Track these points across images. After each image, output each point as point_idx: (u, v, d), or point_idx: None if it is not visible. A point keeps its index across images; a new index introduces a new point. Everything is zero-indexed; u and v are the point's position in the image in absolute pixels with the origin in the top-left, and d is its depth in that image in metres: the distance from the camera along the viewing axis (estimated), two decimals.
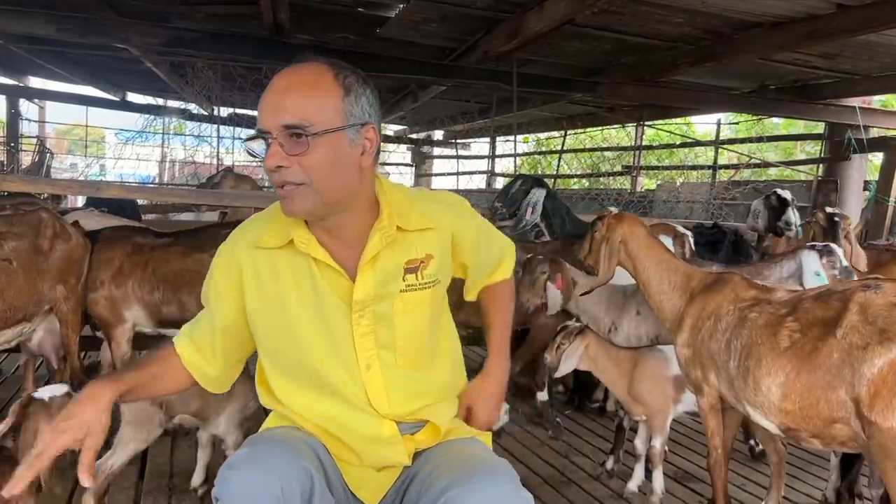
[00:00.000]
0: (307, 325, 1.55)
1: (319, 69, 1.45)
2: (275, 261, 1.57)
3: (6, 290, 2.94)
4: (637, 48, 6.22)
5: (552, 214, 5.03)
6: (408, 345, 1.59)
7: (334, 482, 1.57)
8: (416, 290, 1.58)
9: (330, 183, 1.45)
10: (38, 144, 12.48)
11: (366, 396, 1.56)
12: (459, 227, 1.70)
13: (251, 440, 1.53)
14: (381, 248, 1.54)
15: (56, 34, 5.66)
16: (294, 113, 1.40)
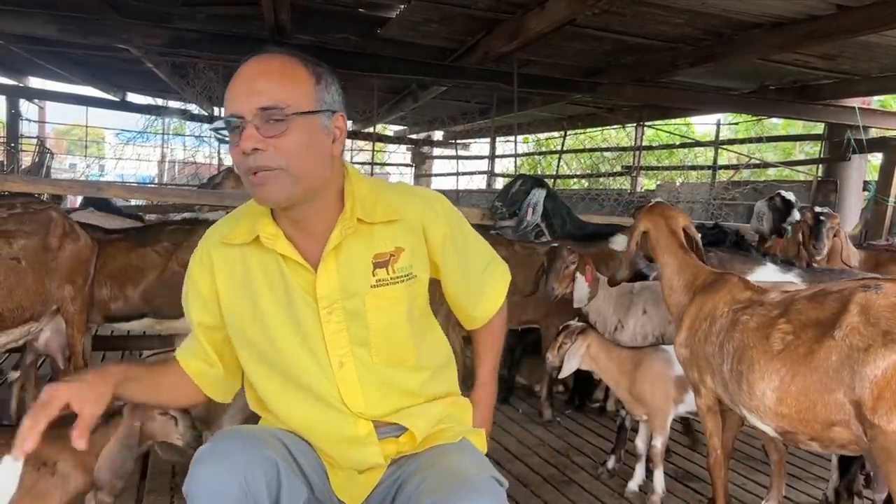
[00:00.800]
0: (279, 323, 1.53)
1: (289, 58, 1.45)
2: (245, 257, 1.55)
3: (15, 290, 2.93)
4: (637, 49, 6.24)
5: (553, 214, 5.03)
6: (384, 342, 1.56)
7: (314, 478, 1.57)
8: (388, 284, 1.54)
9: (305, 167, 1.43)
10: (38, 145, 12.50)
11: (339, 395, 1.54)
12: (429, 221, 1.61)
13: (215, 436, 1.55)
14: (341, 239, 1.51)
15: (57, 34, 5.68)
16: (270, 95, 1.39)
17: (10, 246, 2.95)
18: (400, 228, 1.56)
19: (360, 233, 1.53)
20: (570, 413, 4.46)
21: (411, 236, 1.57)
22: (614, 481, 3.41)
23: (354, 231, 1.52)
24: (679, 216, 2.96)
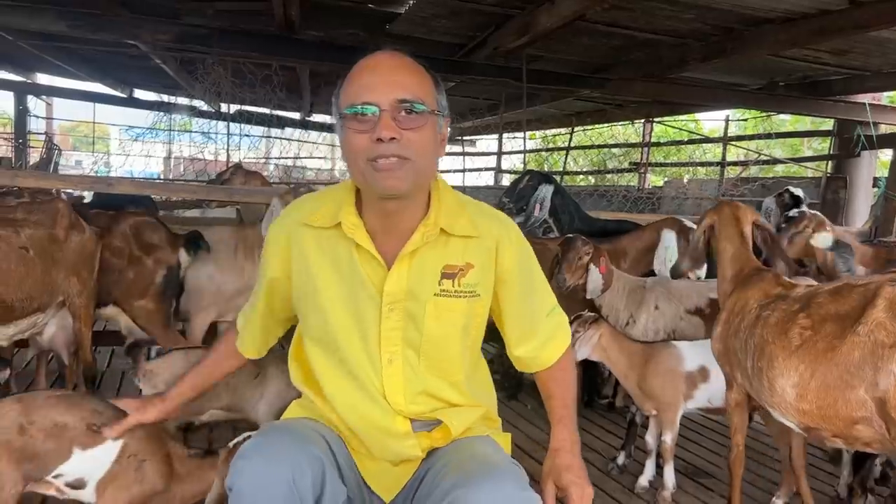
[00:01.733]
0: (339, 309, 1.57)
1: (413, 59, 1.51)
2: (320, 240, 1.59)
3: (25, 279, 2.93)
4: (647, 44, 6.22)
5: (560, 211, 5.00)
6: (434, 351, 1.58)
7: (347, 472, 1.58)
8: (451, 296, 1.56)
9: (426, 163, 1.50)
10: (46, 141, 12.55)
11: (382, 390, 1.57)
12: (504, 246, 1.62)
13: (261, 430, 1.57)
14: (421, 244, 1.54)
15: (67, 31, 5.69)
16: (409, 89, 1.44)
17: (18, 235, 2.95)
18: (475, 245, 1.59)
19: (436, 241, 1.56)
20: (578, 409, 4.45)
21: (484, 255, 1.60)
22: (624, 477, 3.40)
23: (434, 239, 1.56)
24: (747, 210, 2.88)
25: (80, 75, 10.34)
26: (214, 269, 3.88)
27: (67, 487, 1.96)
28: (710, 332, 3.42)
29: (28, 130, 12.25)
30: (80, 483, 1.95)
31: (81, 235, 3.29)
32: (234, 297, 3.91)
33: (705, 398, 3.08)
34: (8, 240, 2.87)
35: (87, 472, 1.94)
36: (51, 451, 1.89)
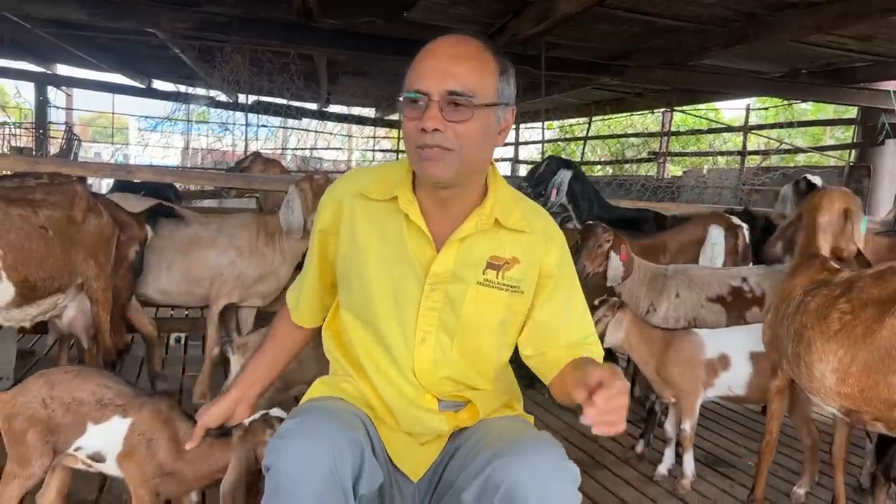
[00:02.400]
0: (380, 282, 1.58)
1: (480, 45, 1.48)
2: (372, 212, 1.61)
3: (46, 259, 2.94)
4: (667, 31, 6.14)
5: (580, 197, 4.95)
6: (468, 338, 1.59)
7: (379, 454, 1.58)
8: (493, 287, 1.57)
9: (475, 154, 1.49)
10: (66, 131, 12.66)
11: (412, 365, 1.58)
12: (551, 248, 1.62)
13: (299, 410, 1.54)
14: (473, 231, 1.55)
15: (87, 19, 5.71)
16: (461, 81, 1.43)
17: (37, 215, 2.96)
18: (525, 241, 1.60)
19: (487, 230, 1.57)
20: None
21: (532, 253, 1.60)
22: (643, 465, 3.39)
23: (486, 228, 1.56)
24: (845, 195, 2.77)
25: (99, 65, 10.40)
26: (236, 255, 3.90)
27: (90, 460, 2.03)
28: (731, 321, 3.43)
29: (48, 121, 12.36)
30: (100, 457, 2.00)
31: (99, 219, 3.31)
32: (255, 282, 3.93)
33: (726, 386, 3.05)
34: (28, 219, 2.88)
35: (103, 447, 1.99)
36: (69, 424, 1.97)
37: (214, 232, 3.97)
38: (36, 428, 1.96)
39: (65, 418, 1.96)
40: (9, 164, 4.80)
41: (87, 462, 2.05)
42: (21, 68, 11.36)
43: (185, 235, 3.94)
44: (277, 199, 4.84)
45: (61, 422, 1.96)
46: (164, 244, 3.88)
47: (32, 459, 1.97)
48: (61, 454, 2.01)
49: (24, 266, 2.83)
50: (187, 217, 4.05)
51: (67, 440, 1.98)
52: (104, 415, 1.97)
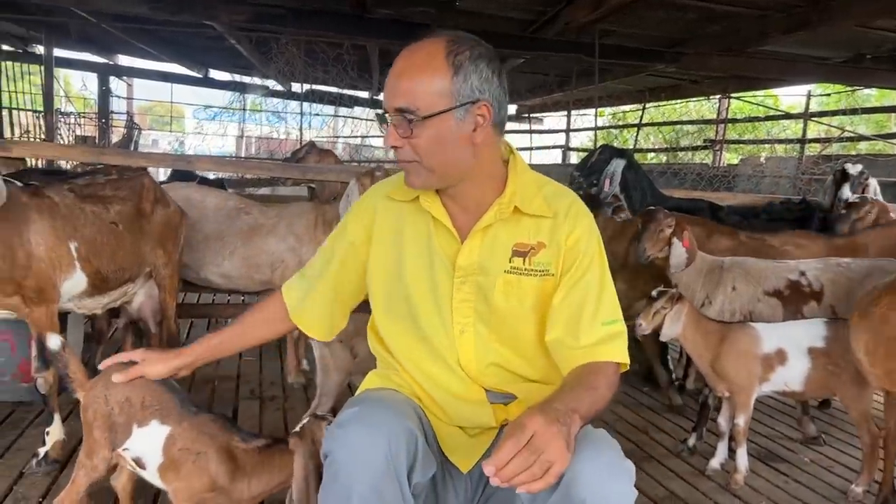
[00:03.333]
0: (417, 280, 1.63)
1: (433, 49, 1.48)
2: (401, 213, 1.67)
3: (116, 252, 3.07)
4: (724, 17, 6.02)
5: (632, 187, 4.89)
6: (504, 326, 1.61)
7: (431, 444, 1.62)
8: (521, 274, 1.59)
9: (439, 160, 1.52)
10: (127, 121, 13.05)
11: (457, 357, 1.62)
12: (575, 229, 1.59)
13: (357, 399, 1.58)
14: (494, 220, 1.58)
15: (149, 13, 5.90)
16: (403, 97, 1.47)
17: (108, 211, 3.09)
18: (548, 225, 1.60)
19: (509, 218, 1.59)
20: (648, 390, 4.42)
21: (557, 235, 1.60)
22: (695, 459, 3.36)
23: (507, 216, 1.58)
24: None
25: (159, 56, 10.68)
26: (295, 241, 4.02)
27: (135, 464, 2.01)
28: (788, 315, 3.37)
29: (110, 110, 12.74)
30: (141, 463, 1.99)
31: (166, 209, 3.43)
32: None
33: (782, 381, 3.01)
34: (99, 216, 3.02)
35: (143, 452, 1.97)
36: (122, 423, 1.96)
37: (274, 219, 4.10)
38: (99, 422, 1.97)
39: (119, 416, 1.95)
40: (76, 155, 4.99)
41: (132, 466, 2.03)
42: (85, 59, 11.74)
43: (246, 223, 4.07)
44: (333, 188, 4.94)
45: (117, 419, 1.96)
46: (226, 231, 4.02)
47: (95, 452, 1.99)
48: (117, 452, 2.01)
49: (97, 258, 2.96)
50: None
51: (121, 439, 1.98)
52: (145, 417, 1.94)
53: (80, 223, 2.91)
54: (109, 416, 1.96)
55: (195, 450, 1.91)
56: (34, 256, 2.71)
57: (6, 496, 2.61)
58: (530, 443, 1.21)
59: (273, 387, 4.14)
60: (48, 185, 2.96)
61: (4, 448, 3.01)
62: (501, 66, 1.57)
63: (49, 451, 2.80)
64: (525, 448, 1.20)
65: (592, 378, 1.48)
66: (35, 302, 2.73)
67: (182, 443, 1.92)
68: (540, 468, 1.20)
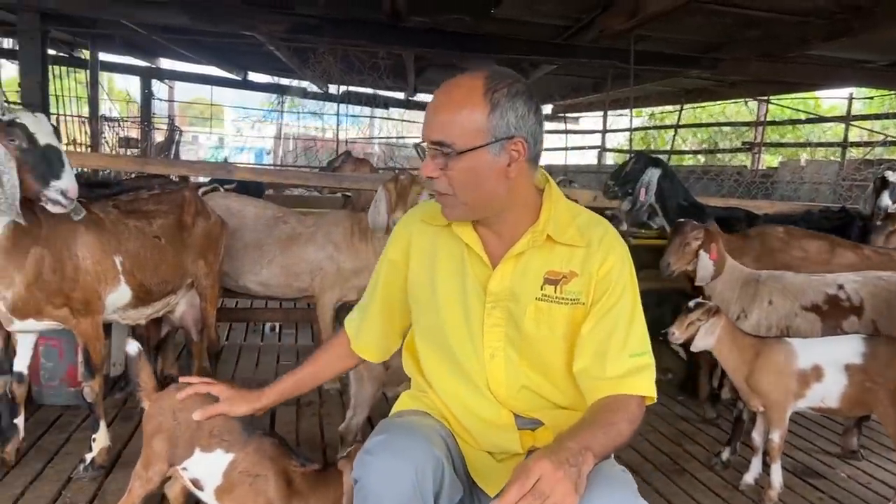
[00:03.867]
0: (450, 303, 1.66)
1: (472, 85, 1.51)
2: (435, 237, 1.71)
3: (160, 265, 3.19)
4: (763, 22, 5.92)
5: (668, 196, 4.87)
6: (534, 352, 1.63)
7: (459, 470, 1.65)
8: (552, 302, 1.60)
9: (473, 194, 1.55)
10: (168, 124, 13.32)
11: (487, 381, 1.65)
12: (607, 259, 1.60)
13: (385, 426, 1.63)
14: (527, 248, 1.60)
15: (190, 24, 6.05)
16: (440, 131, 1.51)
17: (150, 225, 3.20)
18: (581, 254, 1.61)
19: (542, 246, 1.61)
20: (682, 399, 4.40)
21: (589, 264, 1.60)
22: (728, 473, 3.35)
23: (540, 244, 1.61)
24: None
25: (199, 60, 10.90)
26: (334, 250, 4.10)
27: (191, 483, 2.07)
28: (827, 330, 3.33)
29: (152, 113, 13.02)
30: (198, 484, 2.05)
31: (207, 221, 3.53)
32: (351, 276, 4.11)
33: (818, 398, 2.98)
34: (143, 230, 3.12)
35: (202, 475, 2.03)
36: (185, 442, 2.01)
37: (312, 228, 4.18)
38: (162, 435, 2.02)
39: (184, 434, 2.00)
40: (121, 164, 5.16)
41: (188, 484, 2.09)
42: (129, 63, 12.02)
43: (284, 232, 4.16)
44: (369, 197, 5.00)
45: (181, 436, 2.01)
46: (265, 240, 4.11)
47: (152, 464, 2.04)
48: (174, 468, 2.06)
49: (141, 272, 3.07)
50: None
51: (181, 457, 2.03)
52: (210, 445, 2.00)
53: (124, 238, 3.01)
54: (174, 431, 2.01)
55: (254, 472, 1.97)
56: (81, 269, 2.82)
57: (55, 501, 2.72)
58: (536, 487, 1.23)
59: (310, 392, 4.21)
60: (94, 201, 3.07)
61: (53, 452, 3.14)
62: (539, 102, 1.60)
63: (95, 457, 2.91)
64: (530, 493, 1.22)
65: (611, 414, 1.48)
66: (82, 313, 2.84)
67: (243, 466, 1.98)
68: None
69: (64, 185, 2.57)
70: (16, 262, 2.63)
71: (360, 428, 3.02)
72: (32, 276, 2.68)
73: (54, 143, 2.60)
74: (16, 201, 2.49)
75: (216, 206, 3.83)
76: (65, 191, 2.57)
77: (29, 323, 2.78)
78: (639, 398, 1.55)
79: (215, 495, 2.02)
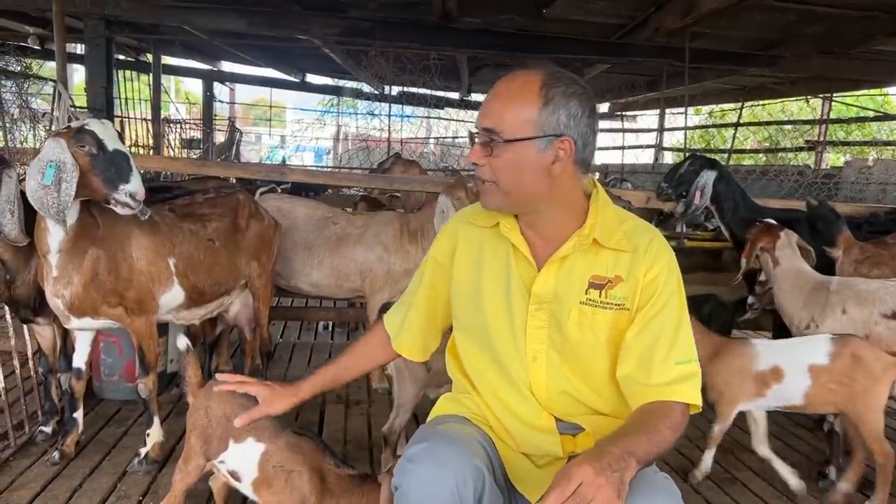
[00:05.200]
0: (494, 304, 1.67)
1: (530, 79, 1.54)
2: (482, 238, 1.73)
3: (213, 267, 3.28)
4: (825, 18, 5.72)
5: (724, 198, 4.76)
6: (576, 356, 1.63)
7: (499, 477, 1.66)
8: (597, 306, 1.60)
9: (514, 185, 1.57)
10: (229, 124, 13.66)
11: (529, 383, 1.65)
12: (654, 264, 1.59)
13: (426, 434, 1.62)
14: (572, 251, 1.61)
15: (247, 28, 6.22)
16: (491, 118, 1.55)
17: (205, 229, 3.29)
18: (627, 259, 1.61)
19: (587, 250, 1.62)
20: None
21: (635, 270, 1.60)
22: (781, 482, 3.25)
23: (585, 248, 1.61)
24: None
25: (258, 63, 11.16)
26: (382, 251, 4.14)
27: (230, 476, 2.13)
28: None
29: (214, 114, 13.37)
30: (236, 476, 2.10)
31: (260, 223, 3.61)
32: (401, 278, 4.15)
33: (781, 398, 3.00)
34: (197, 234, 3.22)
35: (239, 467, 2.08)
36: (219, 436, 2.07)
37: (361, 229, 4.23)
38: (196, 431, 2.10)
39: (217, 429, 2.07)
40: (180, 167, 5.31)
41: (227, 477, 2.14)
42: (191, 67, 12.39)
43: (334, 233, 4.22)
44: (418, 198, 5.05)
45: (214, 431, 2.07)
46: (315, 241, 4.18)
47: (191, 458, 2.12)
48: (211, 462, 2.13)
49: (194, 274, 3.16)
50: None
51: (217, 450, 2.09)
52: (241, 435, 2.04)
53: (179, 240, 3.11)
54: (206, 427, 2.08)
55: (289, 467, 2.01)
56: (135, 270, 2.93)
57: (111, 493, 2.83)
58: (577, 492, 1.23)
59: (359, 391, 4.27)
60: (150, 204, 3.18)
61: (111, 446, 3.27)
62: (596, 107, 1.61)
63: (149, 451, 3.02)
64: (571, 498, 1.23)
65: (656, 421, 1.46)
66: (136, 312, 2.95)
67: (277, 460, 2.02)
68: None
69: (132, 188, 2.67)
70: (75, 262, 2.75)
71: (403, 428, 3.05)
72: (89, 276, 2.79)
73: (122, 149, 2.71)
74: (66, 209, 2.59)
75: (268, 207, 3.91)
76: (133, 193, 2.67)
77: (86, 321, 2.89)
78: (683, 405, 1.53)
79: (252, 487, 2.07)
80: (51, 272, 2.76)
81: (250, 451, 2.05)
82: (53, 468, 2.98)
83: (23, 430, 3.30)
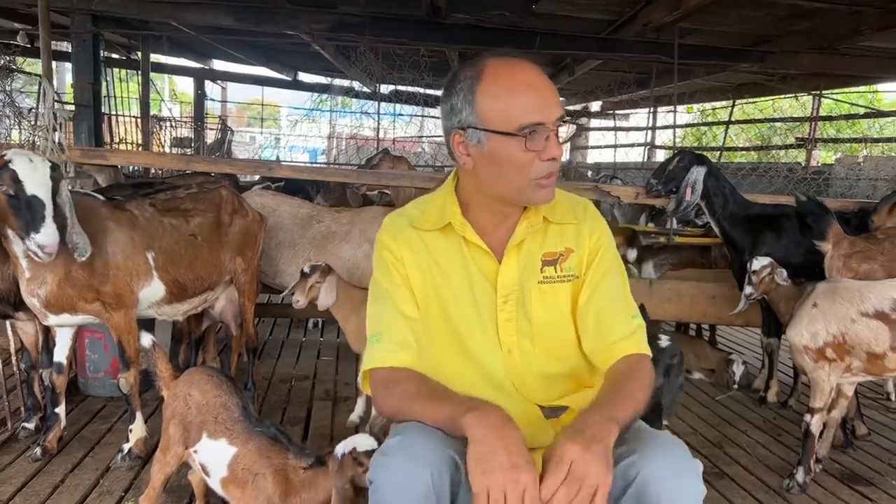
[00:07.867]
0: (461, 305, 1.63)
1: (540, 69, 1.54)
2: (428, 243, 1.65)
3: (194, 262, 3.25)
4: (814, 13, 5.73)
5: (713, 194, 4.74)
6: (546, 336, 1.63)
7: None
8: (555, 282, 1.62)
9: None
10: (220, 123, 13.62)
11: (509, 377, 1.63)
12: (593, 232, 1.66)
13: (401, 427, 1.58)
14: (526, 235, 1.60)
15: (235, 24, 6.18)
16: (561, 107, 1.54)
17: (187, 223, 3.26)
18: (572, 231, 1.64)
19: (538, 230, 1.62)
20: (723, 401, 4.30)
21: (581, 238, 1.64)
22: (772, 477, 3.25)
23: (536, 228, 1.61)
24: None
25: (250, 61, 11.11)
26: (370, 248, 4.04)
27: (201, 468, 2.12)
28: None
29: (205, 113, 13.33)
30: (206, 470, 2.09)
31: (245, 219, 3.58)
32: None
33: None
34: (178, 228, 3.19)
35: (209, 462, 2.07)
36: (195, 426, 2.07)
37: (347, 226, 4.18)
38: (176, 420, 2.10)
39: (195, 419, 2.07)
40: (166, 162, 5.28)
41: (198, 469, 2.14)
42: (182, 65, 12.34)
43: (318, 231, 4.17)
44: (407, 194, 5.02)
45: (193, 420, 2.08)
46: (299, 239, 4.14)
47: (170, 447, 2.12)
48: (188, 452, 2.13)
49: (174, 268, 3.13)
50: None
51: (193, 439, 2.09)
52: (215, 432, 2.05)
53: (158, 234, 3.08)
54: (186, 415, 2.09)
55: (255, 471, 2.00)
56: (111, 264, 2.89)
57: (93, 488, 2.80)
58: (570, 471, 1.24)
59: (347, 388, 4.25)
60: (130, 199, 3.15)
61: (94, 442, 3.24)
62: None
63: (132, 447, 2.99)
64: (566, 479, 1.24)
65: (628, 383, 1.50)
66: (114, 307, 2.91)
67: (245, 463, 2.02)
68: (587, 493, 1.24)
69: (41, 239, 2.52)
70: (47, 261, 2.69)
71: (383, 424, 3.02)
72: (63, 274, 2.76)
73: (40, 195, 2.54)
74: None
75: (252, 203, 3.88)
76: (42, 246, 2.53)
77: (64, 317, 2.86)
78: (645, 358, 1.59)
79: (221, 485, 2.06)
80: (24, 273, 2.74)
81: (223, 451, 2.05)
82: (35, 464, 2.95)
83: (5, 426, 3.27)
